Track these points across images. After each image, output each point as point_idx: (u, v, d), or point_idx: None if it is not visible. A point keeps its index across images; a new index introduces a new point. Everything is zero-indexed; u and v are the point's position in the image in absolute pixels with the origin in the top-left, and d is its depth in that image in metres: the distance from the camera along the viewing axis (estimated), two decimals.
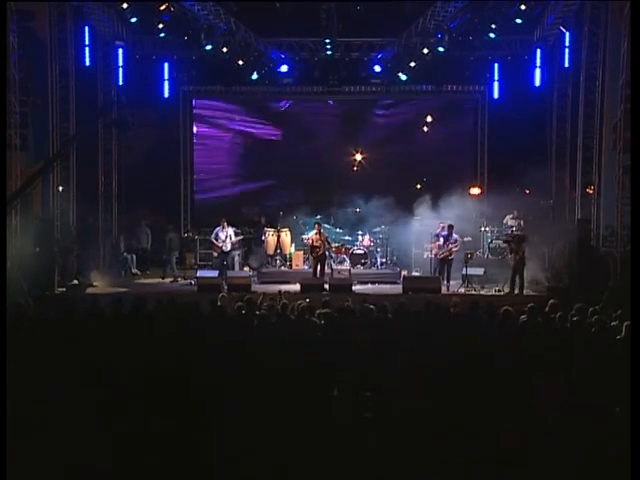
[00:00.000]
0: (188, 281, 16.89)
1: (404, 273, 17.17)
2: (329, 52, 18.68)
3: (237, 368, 6.15)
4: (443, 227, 16.48)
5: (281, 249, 18.07)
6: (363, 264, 17.71)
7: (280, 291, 11.70)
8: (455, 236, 16.14)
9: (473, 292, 15.36)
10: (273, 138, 20.75)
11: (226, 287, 15.38)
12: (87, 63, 17.66)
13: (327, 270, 16.67)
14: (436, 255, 16.40)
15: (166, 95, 19.74)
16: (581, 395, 5.44)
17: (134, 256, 18.36)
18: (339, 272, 16.79)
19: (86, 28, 17.55)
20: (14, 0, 13.75)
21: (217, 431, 4.91)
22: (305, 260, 17.80)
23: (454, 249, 16.00)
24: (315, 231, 16.68)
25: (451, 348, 6.78)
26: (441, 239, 16.23)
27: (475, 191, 19.79)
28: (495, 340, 7.49)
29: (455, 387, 5.64)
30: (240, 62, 18.48)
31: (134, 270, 18.26)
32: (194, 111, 20.80)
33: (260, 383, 5.65)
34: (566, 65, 17.72)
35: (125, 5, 16.89)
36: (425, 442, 4.69)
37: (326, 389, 5.83)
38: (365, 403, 5.20)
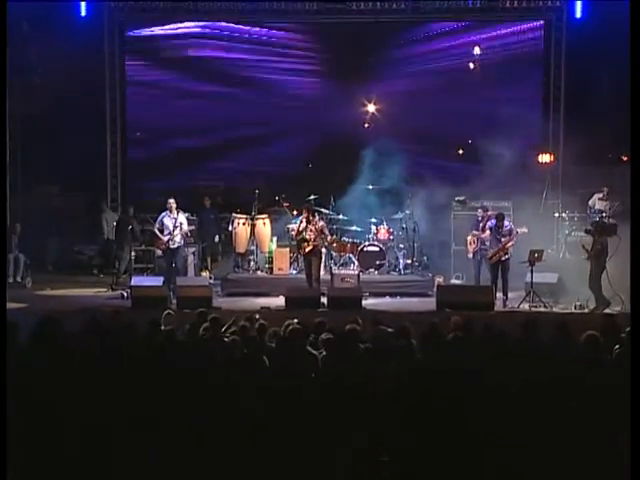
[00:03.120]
0: (118, 292, 17.11)
1: (439, 280, 17.32)
2: None
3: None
4: (486, 215, 16.44)
5: (257, 245, 18.20)
6: (378, 267, 17.83)
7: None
8: (508, 225, 15.97)
9: (542, 309, 15.43)
10: (244, 80, 20.80)
11: (174, 301, 15.59)
12: None
13: (324, 275, 16.79)
14: (474, 254, 16.47)
15: (83, 14, 19.80)
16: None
17: (22, 257, 18.38)
18: (342, 279, 16.83)
19: None
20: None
21: None
22: (292, 261, 17.92)
23: (509, 245, 15.92)
24: (305, 215, 16.41)
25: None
26: (487, 231, 16.21)
27: (545, 158, 19.92)
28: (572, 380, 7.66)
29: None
30: None
31: (18, 278, 18.26)
32: (126, 40, 20.84)
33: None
34: None
35: None
36: None
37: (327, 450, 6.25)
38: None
